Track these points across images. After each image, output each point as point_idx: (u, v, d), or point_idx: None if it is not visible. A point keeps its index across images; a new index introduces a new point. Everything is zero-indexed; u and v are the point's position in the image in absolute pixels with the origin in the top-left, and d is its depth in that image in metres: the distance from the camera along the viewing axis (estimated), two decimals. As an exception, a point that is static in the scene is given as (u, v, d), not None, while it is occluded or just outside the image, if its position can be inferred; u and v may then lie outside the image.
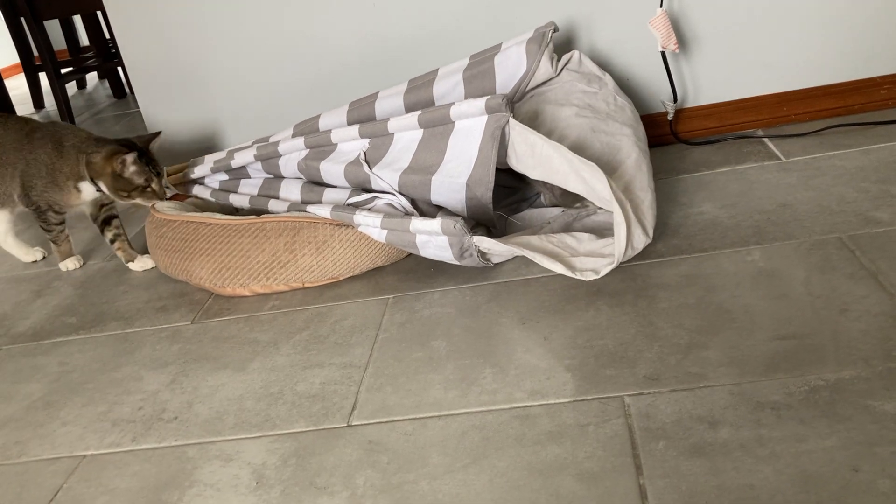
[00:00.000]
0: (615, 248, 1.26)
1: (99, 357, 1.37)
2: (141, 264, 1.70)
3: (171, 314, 1.48)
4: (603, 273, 1.26)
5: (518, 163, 1.36)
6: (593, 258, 1.30)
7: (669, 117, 1.80)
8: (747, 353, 1.04)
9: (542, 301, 1.27)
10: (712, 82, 1.80)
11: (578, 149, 1.43)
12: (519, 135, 1.34)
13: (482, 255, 1.37)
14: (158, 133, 1.65)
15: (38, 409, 1.25)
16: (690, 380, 1.01)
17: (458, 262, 1.38)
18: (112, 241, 1.72)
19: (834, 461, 0.84)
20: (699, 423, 0.93)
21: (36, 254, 1.87)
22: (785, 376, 0.99)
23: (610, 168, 1.41)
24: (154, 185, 1.58)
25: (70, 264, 1.78)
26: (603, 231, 1.40)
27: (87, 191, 1.63)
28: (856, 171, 1.49)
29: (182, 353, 1.33)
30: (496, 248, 1.33)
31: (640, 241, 1.30)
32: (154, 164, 1.59)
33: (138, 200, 1.60)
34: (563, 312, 1.22)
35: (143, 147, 1.58)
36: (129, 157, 1.53)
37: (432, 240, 1.34)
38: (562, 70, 1.61)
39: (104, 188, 1.59)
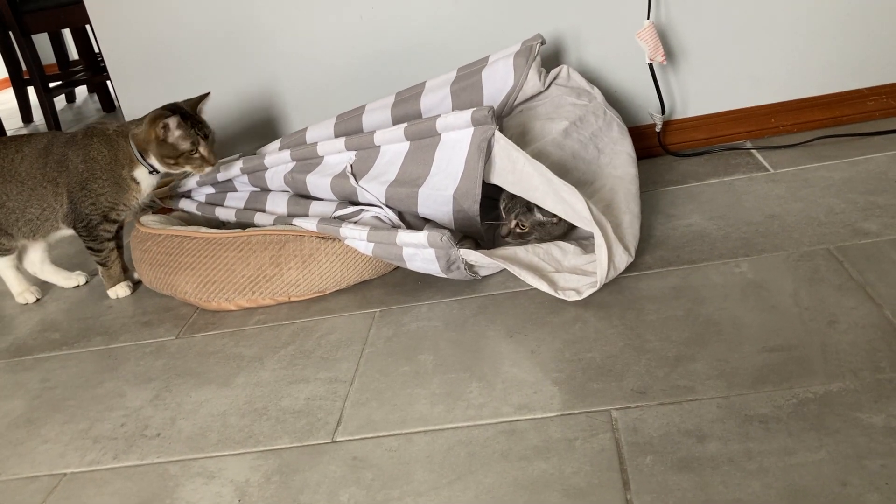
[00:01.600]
0: (598, 271, 1.26)
1: (82, 373, 1.36)
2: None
3: (156, 329, 1.47)
4: (585, 294, 1.25)
5: (497, 177, 1.36)
6: (576, 276, 1.29)
7: (658, 129, 1.80)
8: (735, 366, 1.03)
9: (530, 314, 1.26)
10: (700, 94, 1.80)
11: (558, 173, 1.42)
12: (502, 149, 1.33)
13: (469, 267, 1.36)
14: (207, 94, 1.56)
15: (19, 426, 1.23)
16: (678, 393, 1.00)
17: (445, 275, 1.37)
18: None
19: (823, 475, 0.83)
20: (687, 437, 0.92)
21: (79, 278, 1.72)
22: (773, 389, 0.98)
23: (587, 194, 1.41)
24: (202, 150, 1.50)
25: (121, 291, 1.63)
26: (589, 242, 1.39)
27: (145, 180, 1.54)
28: (843, 183, 1.49)
29: (166, 369, 1.32)
30: (483, 261, 1.32)
31: (623, 261, 1.29)
32: (201, 125, 1.51)
33: (187, 168, 1.51)
34: (551, 325, 1.21)
35: (187, 110, 1.50)
36: (172, 121, 1.45)
37: (419, 252, 1.33)
38: (550, 84, 1.61)
39: (154, 162, 1.50)
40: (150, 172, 1.53)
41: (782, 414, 0.93)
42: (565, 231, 1.42)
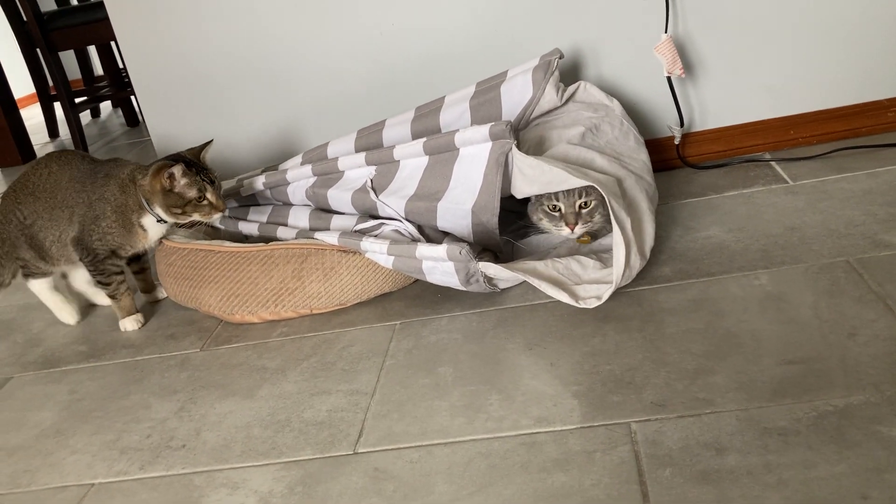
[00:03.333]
0: (615, 270, 1.26)
1: (109, 385, 1.38)
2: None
3: (181, 342, 1.49)
4: (605, 298, 1.26)
5: (529, 186, 1.37)
6: (596, 285, 1.30)
7: (676, 141, 1.80)
8: (755, 379, 1.04)
9: (549, 327, 1.27)
10: (719, 106, 1.81)
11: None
12: (522, 160, 1.35)
13: (488, 280, 1.37)
14: (210, 142, 1.55)
15: (49, 436, 1.26)
16: (698, 406, 1.01)
17: (464, 288, 1.38)
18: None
19: (843, 488, 0.83)
20: (706, 449, 0.93)
21: (69, 317, 1.66)
22: (793, 402, 0.98)
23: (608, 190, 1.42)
24: (210, 196, 1.47)
25: (130, 324, 1.58)
26: (609, 255, 1.40)
27: (152, 228, 1.52)
28: (863, 195, 1.49)
29: (191, 381, 1.34)
30: (502, 274, 1.34)
31: (637, 262, 1.30)
32: (206, 172, 1.48)
33: (196, 217, 1.48)
34: (570, 338, 1.22)
35: (191, 158, 1.49)
36: (177, 169, 1.43)
37: (438, 265, 1.34)
38: (567, 101, 1.63)
39: (160, 212, 1.48)
40: (158, 221, 1.51)
41: (802, 427, 0.93)
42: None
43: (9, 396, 1.41)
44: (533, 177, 1.36)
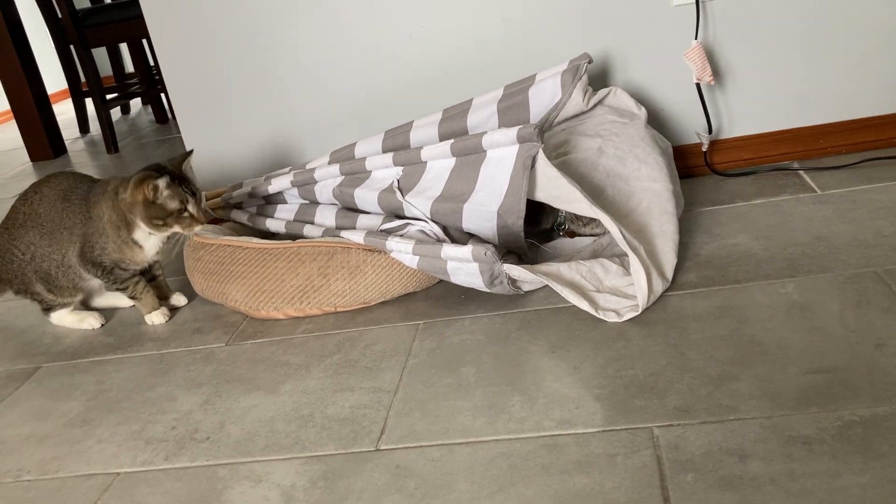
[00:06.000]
0: (638, 296, 1.27)
1: (135, 377, 1.40)
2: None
3: (206, 336, 1.51)
4: (625, 318, 1.26)
5: (541, 192, 1.38)
6: (616, 297, 1.30)
7: (704, 148, 1.80)
8: (780, 387, 1.03)
9: (573, 330, 1.27)
10: (747, 114, 1.80)
11: (591, 193, 1.45)
12: (542, 168, 1.36)
13: (512, 282, 1.37)
14: (190, 152, 1.53)
15: (76, 426, 1.28)
16: (721, 412, 1.00)
17: (488, 290, 1.38)
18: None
19: (867, 498, 0.83)
20: (729, 455, 0.93)
21: (93, 321, 1.63)
22: (818, 411, 0.97)
23: (621, 214, 1.42)
24: (191, 208, 1.45)
25: (157, 318, 1.58)
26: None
27: (147, 241, 1.51)
28: (893, 205, 1.47)
29: (216, 375, 1.35)
30: (526, 276, 1.34)
31: (659, 286, 1.30)
32: (187, 183, 1.46)
33: (176, 228, 1.46)
34: (594, 342, 1.22)
35: (173, 169, 1.46)
36: (162, 181, 1.42)
37: (463, 266, 1.35)
38: (596, 105, 1.63)
39: (141, 223, 1.47)
40: (150, 234, 1.50)
41: (827, 436, 0.93)
42: None
43: (38, 385, 1.43)
44: (543, 185, 1.37)
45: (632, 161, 1.51)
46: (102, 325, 1.64)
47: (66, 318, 1.64)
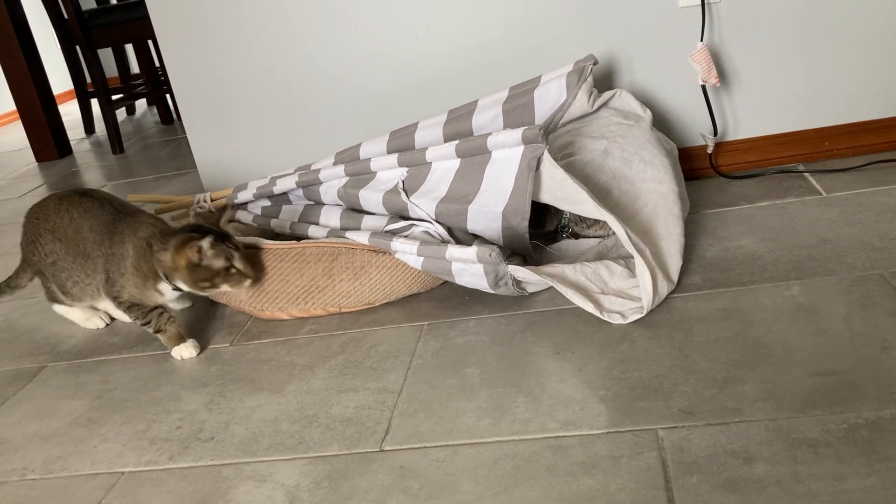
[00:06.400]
0: (643, 298, 1.27)
1: (140, 376, 1.40)
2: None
3: (211, 336, 1.51)
4: (630, 320, 1.26)
5: (546, 194, 1.38)
6: (621, 299, 1.30)
7: (709, 150, 1.80)
8: (784, 389, 1.03)
9: (578, 332, 1.27)
10: (753, 116, 1.80)
11: (597, 195, 1.45)
12: (547, 169, 1.36)
13: (517, 283, 1.37)
14: (224, 207, 1.42)
15: (81, 425, 1.28)
16: (726, 414, 1.00)
17: (492, 291, 1.38)
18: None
19: (873, 501, 0.83)
20: (734, 458, 0.92)
21: (98, 322, 1.62)
22: (823, 413, 0.97)
23: (627, 216, 1.42)
24: (237, 263, 1.38)
25: (186, 352, 1.44)
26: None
27: (168, 293, 1.44)
28: (899, 208, 1.47)
29: (220, 375, 1.36)
30: (531, 278, 1.34)
31: (665, 288, 1.30)
32: (230, 239, 1.40)
33: (224, 287, 1.39)
34: (598, 343, 1.22)
35: (210, 227, 1.40)
36: (205, 243, 1.34)
37: (468, 268, 1.35)
38: (601, 107, 1.63)
39: (182, 285, 1.39)
40: (174, 289, 1.43)
41: (832, 438, 0.93)
42: None
43: (43, 385, 1.43)
44: (548, 187, 1.37)
45: (637, 163, 1.51)
46: (107, 325, 1.63)
47: (71, 313, 1.63)
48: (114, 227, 1.45)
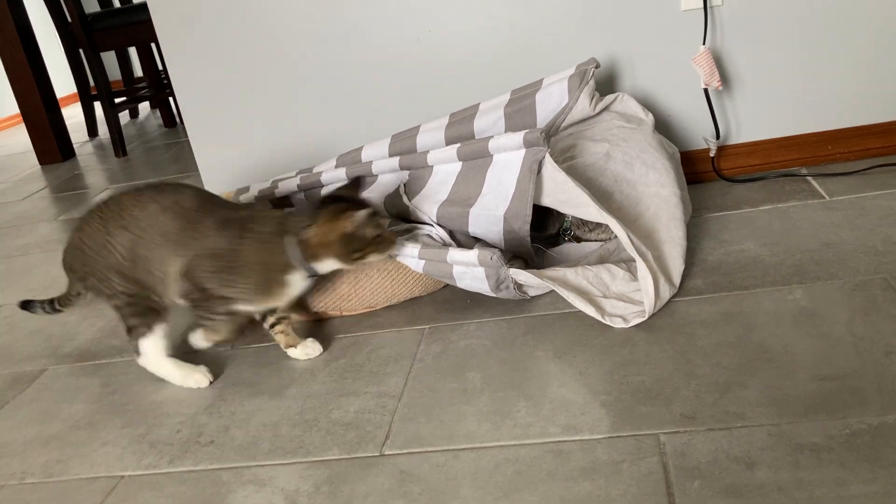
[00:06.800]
0: (645, 302, 1.27)
1: (140, 379, 1.40)
2: (304, 351, 1.38)
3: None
4: (632, 324, 1.26)
5: (547, 198, 1.37)
6: (623, 303, 1.30)
7: (712, 154, 1.79)
8: (787, 394, 1.02)
9: (579, 335, 1.26)
10: (755, 120, 1.79)
11: (599, 198, 1.45)
12: (549, 173, 1.35)
13: (518, 287, 1.37)
14: (358, 180, 1.39)
15: (81, 428, 1.28)
16: (728, 419, 1.00)
17: (494, 294, 1.38)
18: (273, 325, 1.39)
19: (876, 507, 0.82)
20: (736, 463, 0.92)
21: (200, 379, 1.35)
22: (826, 418, 0.97)
23: (629, 219, 1.42)
24: (386, 233, 1.35)
25: (199, 341, 1.37)
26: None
27: (296, 285, 1.33)
28: (902, 212, 1.47)
29: (221, 378, 1.35)
30: (532, 281, 1.33)
31: (666, 291, 1.30)
32: (372, 207, 1.33)
33: (372, 257, 1.33)
34: (600, 347, 1.22)
35: (354, 198, 1.35)
36: (362, 212, 1.28)
37: (469, 271, 1.35)
38: (603, 111, 1.63)
39: (330, 262, 1.31)
40: (309, 276, 1.33)
41: (835, 444, 0.92)
42: None
43: (43, 388, 1.43)
44: (550, 190, 1.37)
45: (640, 166, 1.50)
46: (211, 382, 1.36)
47: (164, 365, 1.37)
48: (225, 222, 1.31)
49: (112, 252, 1.32)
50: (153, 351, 1.36)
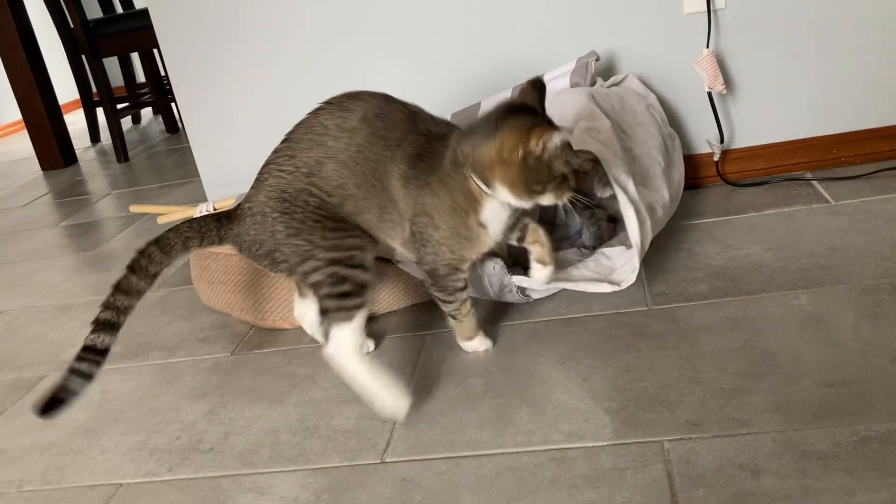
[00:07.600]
0: (630, 235, 1.31)
1: (140, 386, 1.39)
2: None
3: (212, 345, 1.50)
4: (637, 264, 1.30)
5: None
6: (623, 268, 1.34)
7: (716, 158, 1.78)
8: (793, 400, 1.01)
9: (582, 341, 1.25)
10: (759, 123, 1.78)
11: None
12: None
13: (521, 290, 1.36)
14: (538, 80, 1.13)
15: (80, 435, 1.27)
16: (733, 426, 0.98)
17: (496, 298, 1.37)
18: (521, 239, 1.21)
19: (884, 516, 0.81)
20: (741, 471, 0.90)
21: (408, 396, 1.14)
22: (832, 425, 0.95)
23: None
24: (571, 176, 1.10)
25: (479, 344, 1.27)
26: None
27: (494, 221, 1.14)
28: (909, 216, 1.45)
29: (221, 385, 1.34)
30: (535, 285, 1.32)
31: (649, 223, 1.34)
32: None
33: (549, 199, 1.11)
34: (604, 354, 1.20)
35: (540, 111, 1.10)
36: (558, 137, 1.04)
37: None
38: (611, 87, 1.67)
39: (502, 190, 1.09)
40: (501, 205, 1.13)
41: (842, 451, 0.91)
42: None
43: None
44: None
45: (635, 126, 1.55)
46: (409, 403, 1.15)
47: (362, 371, 1.14)
48: (416, 162, 1.11)
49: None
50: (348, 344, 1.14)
